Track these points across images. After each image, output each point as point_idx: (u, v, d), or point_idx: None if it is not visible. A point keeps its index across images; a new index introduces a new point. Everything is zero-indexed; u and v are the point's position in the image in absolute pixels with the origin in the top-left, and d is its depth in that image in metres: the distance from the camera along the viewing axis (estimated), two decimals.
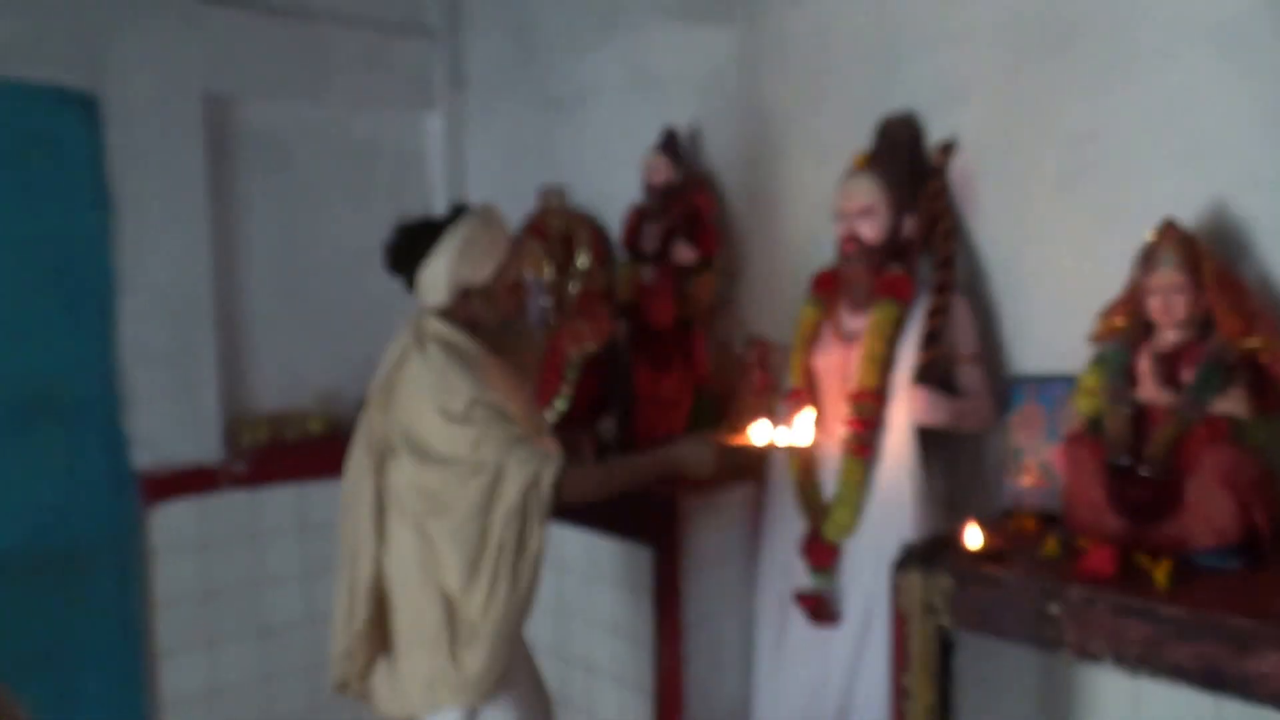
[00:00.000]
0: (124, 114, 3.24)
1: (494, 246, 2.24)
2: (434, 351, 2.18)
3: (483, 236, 2.22)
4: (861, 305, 2.45)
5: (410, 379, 2.20)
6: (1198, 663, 1.61)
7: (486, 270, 2.23)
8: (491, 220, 2.26)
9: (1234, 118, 2.02)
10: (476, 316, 2.26)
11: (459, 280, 2.21)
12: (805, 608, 2.46)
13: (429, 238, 2.23)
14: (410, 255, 2.25)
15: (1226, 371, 1.88)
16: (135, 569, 3.30)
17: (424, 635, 2.20)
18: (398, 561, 2.23)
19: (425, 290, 2.25)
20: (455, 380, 2.13)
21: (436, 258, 2.21)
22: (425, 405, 2.15)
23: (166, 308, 3.33)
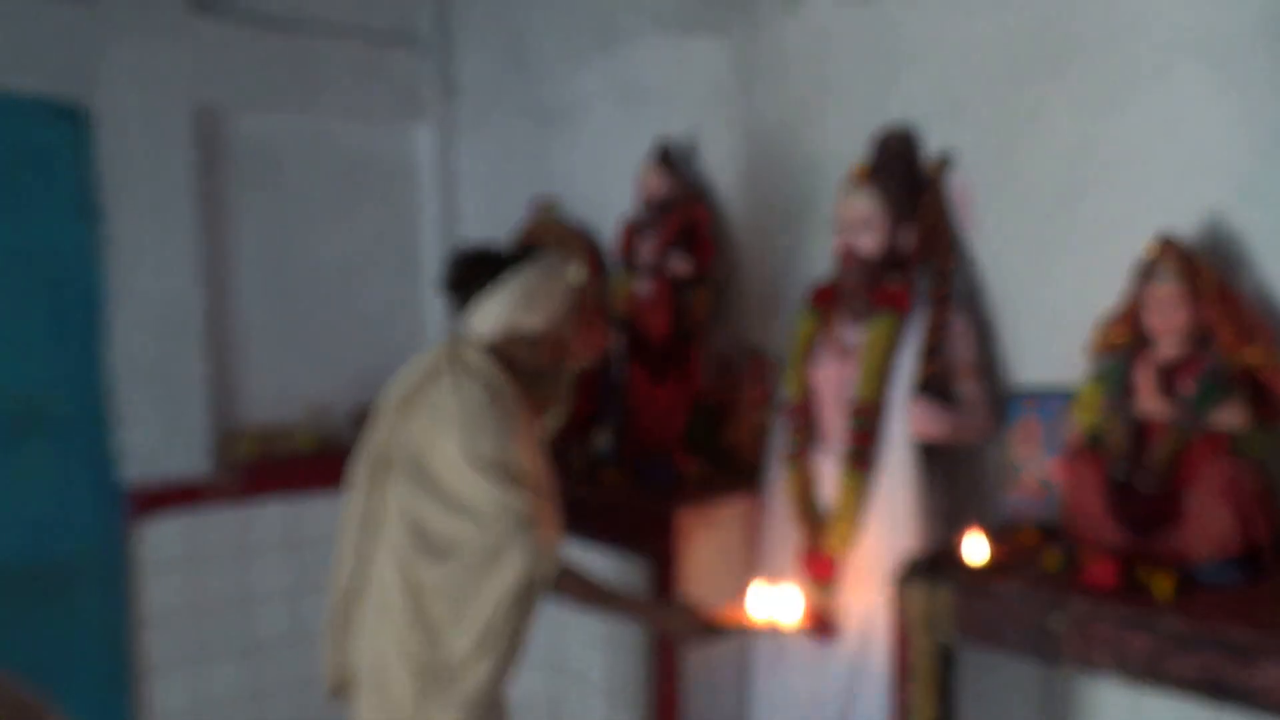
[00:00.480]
0: (114, 126, 3.23)
1: (553, 298, 2.19)
2: (470, 387, 2.11)
3: (546, 285, 2.17)
4: (860, 318, 2.46)
5: (436, 404, 2.12)
6: (1200, 674, 1.62)
7: (539, 321, 2.17)
8: (557, 271, 2.21)
9: (1229, 133, 2.04)
10: (515, 359, 2.20)
11: (512, 323, 2.16)
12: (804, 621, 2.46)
13: (493, 270, 2.17)
14: (471, 282, 2.18)
15: (1225, 384, 1.89)
16: (122, 585, 3.28)
17: (388, 674, 2.13)
18: (376, 588, 2.18)
19: (475, 321, 2.18)
20: (488, 427, 2.06)
21: (497, 295, 2.14)
22: (448, 439, 2.08)
23: (156, 321, 3.31)
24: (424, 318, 4.03)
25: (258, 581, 3.53)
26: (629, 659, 3.19)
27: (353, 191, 3.84)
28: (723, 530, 2.66)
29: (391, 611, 2.14)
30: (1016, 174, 2.37)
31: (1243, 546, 1.83)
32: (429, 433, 2.12)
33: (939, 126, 2.51)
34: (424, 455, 2.12)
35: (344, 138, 3.81)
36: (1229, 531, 1.82)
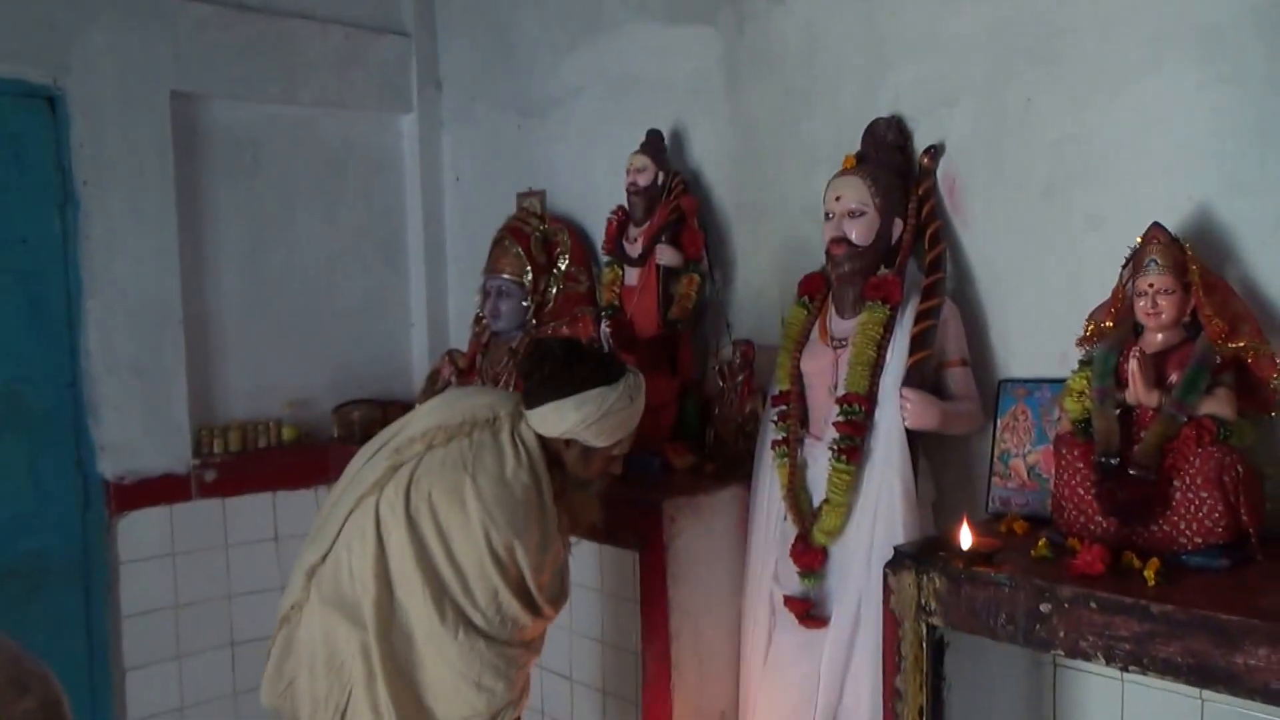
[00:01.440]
0: (88, 111, 3.18)
1: (626, 424, 2.18)
2: (523, 481, 2.09)
3: (624, 412, 2.15)
4: (850, 308, 2.47)
5: (480, 481, 2.07)
6: (1187, 659, 1.64)
7: (604, 441, 2.17)
8: (639, 398, 2.19)
9: (1218, 123, 2.06)
10: (564, 461, 2.19)
11: (576, 436, 2.15)
12: (793, 611, 2.47)
13: (572, 383, 2.11)
14: (547, 385, 2.13)
15: (1212, 373, 1.91)
16: (102, 580, 3.24)
17: (333, 660, 2.11)
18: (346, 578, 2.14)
19: (540, 419, 2.14)
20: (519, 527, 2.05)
21: (569, 405, 2.10)
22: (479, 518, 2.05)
23: (134, 312, 3.27)
24: (407, 311, 4.00)
25: (240, 577, 3.49)
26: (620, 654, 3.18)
27: (334, 182, 3.80)
28: (712, 521, 2.66)
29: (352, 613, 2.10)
30: (1006, 165, 2.39)
31: (1229, 533, 1.84)
32: (463, 496, 2.07)
33: (929, 117, 2.52)
34: (445, 510, 2.07)
35: (325, 128, 3.77)
36: (1216, 519, 1.84)
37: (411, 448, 2.14)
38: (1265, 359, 1.92)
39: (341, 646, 2.10)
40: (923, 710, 2.01)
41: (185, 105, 3.43)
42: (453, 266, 4.02)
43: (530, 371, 2.18)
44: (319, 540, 2.18)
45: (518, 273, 3.12)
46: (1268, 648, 1.55)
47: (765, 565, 2.59)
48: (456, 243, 3.98)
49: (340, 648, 2.10)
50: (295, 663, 2.18)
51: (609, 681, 3.25)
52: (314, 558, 2.16)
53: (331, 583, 2.13)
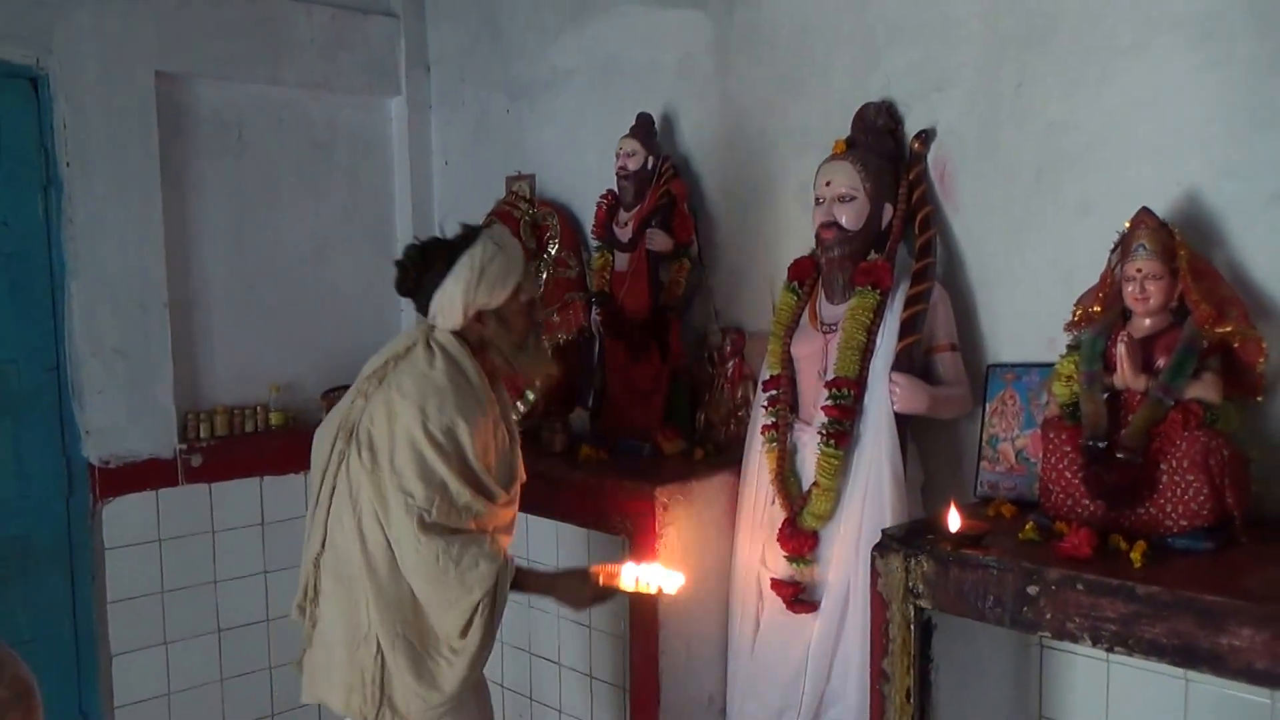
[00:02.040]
0: (72, 92, 3.14)
1: (509, 270, 2.21)
2: (440, 365, 2.16)
3: (497, 259, 2.19)
4: (840, 293, 2.47)
5: (403, 379, 2.17)
6: (1172, 640, 1.65)
7: (502, 294, 2.20)
8: (505, 243, 2.23)
9: (1207, 109, 2.06)
10: (488, 338, 2.24)
11: (472, 305, 2.18)
12: (782, 595, 2.48)
13: (442, 262, 2.19)
14: (423, 279, 2.21)
15: (1199, 358, 1.93)
16: (87, 565, 3.22)
17: (355, 636, 2.17)
18: (344, 556, 2.20)
19: (439, 314, 2.21)
20: (445, 405, 2.12)
21: (450, 283, 2.17)
22: (409, 409, 2.12)
23: (118, 295, 3.24)
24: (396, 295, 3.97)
25: (227, 562, 3.47)
26: (608, 640, 3.19)
27: (321, 165, 3.77)
28: (702, 507, 2.66)
29: (356, 585, 2.17)
30: (996, 150, 2.39)
31: (1214, 516, 1.86)
32: (393, 412, 2.14)
33: (919, 102, 2.52)
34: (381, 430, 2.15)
35: (312, 109, 3.74)
36: (1201, 502, 1.86)
37: (355, 406, 2.23)
38: (1252, 344, 1.93)
39: (362, 620, 2.16)
40: (910, 692, 2.02)
41: (170, 86, 3.39)
42: None
43: (402, 283, 2.26)
44: (314, 527, 2.25)
45: None
46: (1251, 629, 1.57)
47: (753, 549, 2.60)
48: (445, 227, 3.96)
49: (361, 622, 2.16)
50: (327, 650, 2.24)
51: (597, 667, 3.27)
52: (315, 546, 2.24)
53: (335, 563, 2.20)
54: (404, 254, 2.27)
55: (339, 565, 2.20)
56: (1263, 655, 1.56)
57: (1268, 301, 2.00)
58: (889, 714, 2.04)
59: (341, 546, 2.19)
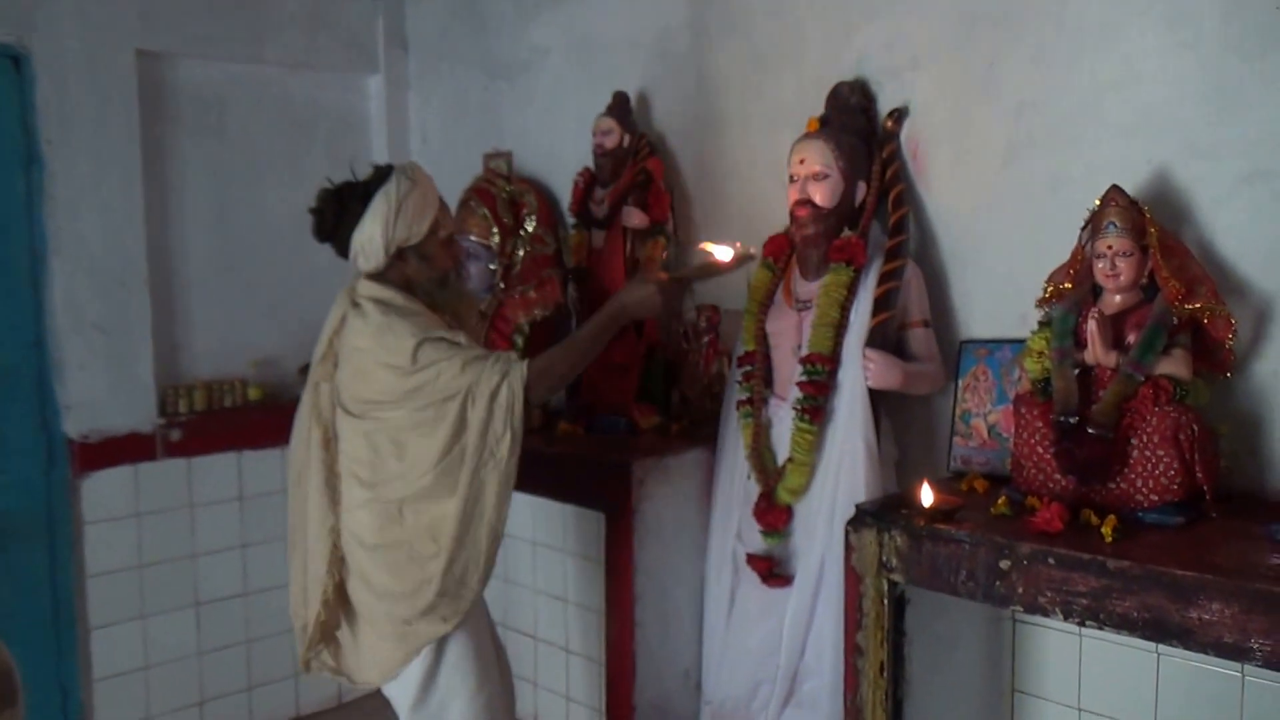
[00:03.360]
0: (53, 70, 3.13)
1: (425, 204, 2.22)
2: (370, 310, 2.17)
3: (413, 194, 2.20)
4: (814, 270, 2.48)
5: (350, 344, 2.19)
6: (1142, 614, 1.67)
7: (420, 228, 2.21)
8: (418, 178, 2.24)
9: (1177, 89, 2.07)
10: (412, 277, 2.25)
11: (393, 242, 2.19)
12: (757, 570, 2.49)
13: (358, 201, 2.20)
14: (340, 221, 2.22)
15: (1169, 334, 1.94)
16: (66, 539, 3.21)
17: (396, 590, 2.19)
18: (360, 529, 2.22)
19: (359, 255, 2.23)
20: (396, 332, 2.13)
21: (368, 221, 2.18)
22: (371, 365, 2.14)
23: (99, 270, 3.23)
24: None
25: (206, 537, 3.48)
26: (585, 615, 3.21)
27: (301, 142, 3.76)
28: (678, 482, 2.68)
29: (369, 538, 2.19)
30: (969, 128, 2.40)
31: (1184, 491, 1.88)
32: (357, 372, 2.17)
33: (892, 81, 2.53)
34: (363, 392, 2.17)
35: (292, 87, 3.73)
36: (1171, 476, 1.88)
37: (321, 393, 2.26)
38: (1221, 320, 1.95)
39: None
40: (883, 665, 2.04)
41: (151, 64, 3.38)
42: None
43: (320, 227, 2.27)
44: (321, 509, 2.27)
45: (484, 234, 3.11)
46: (1220, 603, 1.59)
47: (729, 524, 2.61)
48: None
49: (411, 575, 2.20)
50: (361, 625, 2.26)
51: (573, 641, 3.29)
52: (331, 521, 2.26)
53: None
54: (318, 198, 2.28)
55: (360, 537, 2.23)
56: (1231, 629, 1.58)
57: (1236, 278, 2.02)
58: (862, 687, 2.06)
59: (354, 523, 2.23)
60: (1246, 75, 1.98)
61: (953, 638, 2.21)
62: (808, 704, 2.45)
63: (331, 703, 3.78)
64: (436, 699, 2.23)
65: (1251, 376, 2.02)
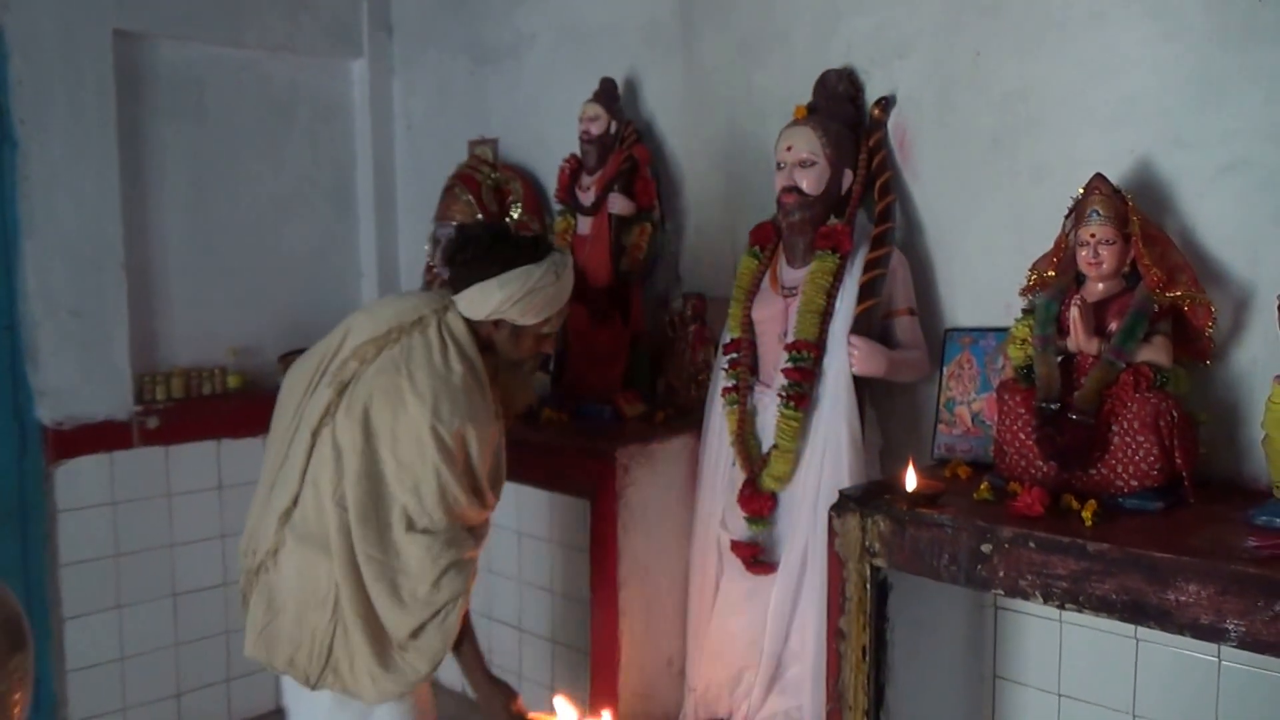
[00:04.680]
0: (28, 48, 3.08)
1: (552, 302, 2.17)
2: (455, 362, 2.09)
3: (549, 290, 2.14)
4: (800, 257, 2.49)
5: (415, 373, 2.07)
6: (1121, 596, 1.69)
7: (532, 320, 2.16)
8: (566, 275, 2.18)
9: (1160, 79, 2.10)
10: (494, 343, 2.19)
11: (504, 315, 2.14)
12: (741, 557, 2.50)
13: (502, 262, 2.11)
14: (475, 265, 2.14)
15: (1150, 322, 1.97)
16: (40, 527, 3.17)
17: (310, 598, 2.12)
18: (315, 516, 2.13)
19: (465, 300, 2.14)
20: (459, 409, 2.06)
21: (494, 285, 2.10)
22: (420, 412, 2.05)
23: (73, 254, 3.18)
24: (357, 259, 3.95)
25: (183, 526, 3.44)
26: (569, 604, 3.21)
27: (282, 127, 3.72)
28: (663, 470, 2.68)
29: (321, 549, 2.11)
30: (955, 117, 2.42)
31: (1164, 477, 1.90)
32: (400, 396, 2.07)
33: (880, 69, 2.54)
34: (383, 415, 2.07)
35: (273, 71, 3.69)
36: (1151, 462, 1.90)
37: (347, 368, 2.13)
38: (1201, 308, 1.97)
39: (322, 582, 2.10)
40: (866, 650, 2.05)
41: (128, 44, 3.33)
42: (403, 215, 3.96)
43: (454, 255, 2.20)
44: (285, 484, 2.15)
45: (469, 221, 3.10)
46: (1197, 584, 1.61)
47: (713, 511, 2.62)
48: (407, 191, 3.94)
49: (321, 584, 2.10)
50: (276, 608, 2.16)
51: (558, 631, 3.28)
52: (285, 502, 2.14)
53: (303, 523, 2.12)
54: (470, 229, 2.24)
55: (306, 524, 2.12)
56: (1208, 610, 1.60)
57: (1217, 267, 2.04)
58: (845, 672, 2.08)
59: (313, 506, 2.11)
60: (1229, 66, 2.01)
61: (935, 624, 2.23)
62: (791, 690, 2.46)
63: None
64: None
65: (1231, 364, 2.05)
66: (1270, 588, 1.54)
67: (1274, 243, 1.98)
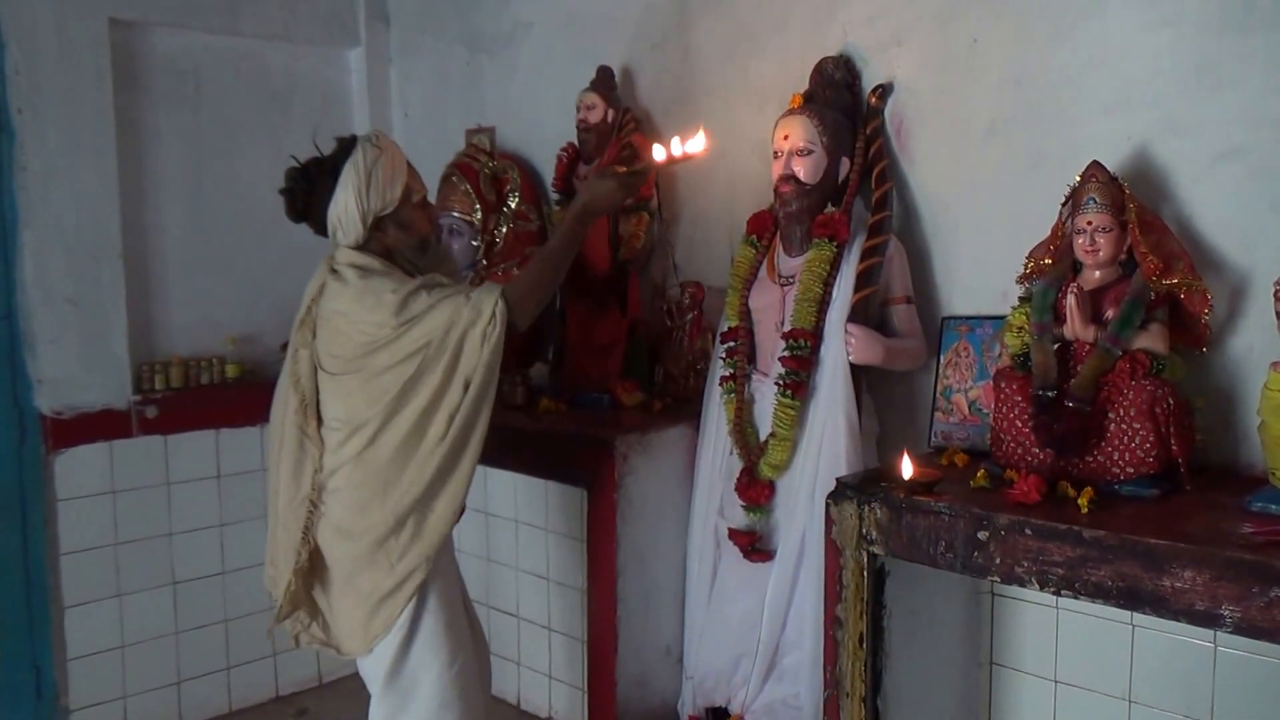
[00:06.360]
0: (24, 37, 3.07)
1: (394, 170, 2.22)
2: (350, 276, 2.18)
3: (381, 161, 2.19)
4: (798, 246, 2.49)
5: (329, 308, 2.19)
6: (1116, 582, 1.70)
7: (394, 195, 2.21)
8: (385, 144, 2.24)
9: (1157, 66, 2.09)
10: (392, 245, 2.26)
11: (369, 212, 2.19)
12: (739, 545, 2.50)
13: (327, 176, 2.20)
14: (312, 198, 2.22)
15: (1147, 309, 1.97)
16: (39, 516, 3.17)
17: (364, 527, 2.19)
18: (334, 483, 2.22)
19: (337, 230, 2.22)
20: (377, 291, 2.14)
21: (340, 194, 2.18)
22: (350, 326, 2.15)
23: (71, 244, 3.18)
24: None
25: (183, 515, 3.44)
26: (567, 593, 3.22)
27: (279, 116, 3.72)
28: (661, 459, 2.68)
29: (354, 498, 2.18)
30: (952, 104, 2.41)
31: (1160, 464, 1.91)
32: (339, 332, 2.17)
33: (877, 57, 2.54)
34: (345, 352, 2.16)
35: (270, 61, 3.68)
36: (1147, 449, 1.90)
37: (300, 359, 2.25)
38: (1198, 295, 1.97)
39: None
40: (863, 637, 2.06)
41: (125, 33, 3.32)
42: None
43: (292, 207, 2.27)
44: (297, 478, 2.25)
45: (467, 210, 3.09)
46: (1193, 570, 1.61)
47: (711, 500, 2.62)
48: None
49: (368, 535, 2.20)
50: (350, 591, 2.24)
51: (556, 619, 3.29)
52: (306, 488, 2.24)
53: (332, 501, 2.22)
54: (286, 178, 2.27)
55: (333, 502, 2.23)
56: (1203, 596, 1.60)
57: (1213, 254, 2.04)
58: (842, 659, 2.08)
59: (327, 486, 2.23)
60: (1226, 53, 2.00)
61: (931, 611, 2.23)
62: (788, 678, 2.47)
63: (312, 682, 3.76)
64: (408, 673, 2.22)
65: (1227, 351, 2.05)
66: (1266, 573, 1.54)
67: (1270, 230, 1.98)
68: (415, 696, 2.22)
